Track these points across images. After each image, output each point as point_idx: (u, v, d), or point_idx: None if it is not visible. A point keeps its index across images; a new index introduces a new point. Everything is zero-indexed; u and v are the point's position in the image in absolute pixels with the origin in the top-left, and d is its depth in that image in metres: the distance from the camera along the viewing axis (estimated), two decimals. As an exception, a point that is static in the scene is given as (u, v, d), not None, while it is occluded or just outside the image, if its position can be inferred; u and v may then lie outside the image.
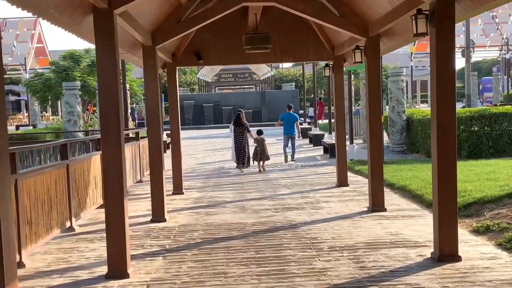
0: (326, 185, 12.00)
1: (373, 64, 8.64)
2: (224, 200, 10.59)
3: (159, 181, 8.67)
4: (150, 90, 8.60)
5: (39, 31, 43.39)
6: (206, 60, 11.41)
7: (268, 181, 13.13)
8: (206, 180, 13.92)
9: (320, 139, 21.94)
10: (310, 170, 15.26)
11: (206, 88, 63.74)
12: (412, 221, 7.99)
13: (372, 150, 8.73)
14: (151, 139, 8.66)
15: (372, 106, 8.66)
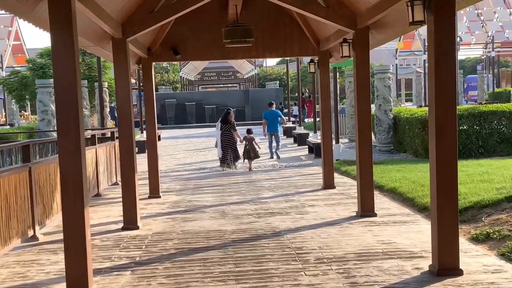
0: (311, 187, 11.39)
1: (362, 58, 8.03)
2: (203, 204, 9.93)
3: (131, 185, 7.99)
4: (121, 87, 7.91)
5: (16, 28, 42.25)
6: (184, 55, 10.73)
7: (251, 183, 12.49)
8: (185, 182, 13.24)
9: (305, 139, 21.34)
10: (294, 171, 14.65)
11: (189, 86, 62.92)
12: (405, 228, 7.39)
13: (361, 150, 8.13)
14: (122, 139, 7.97)
15: (360, 103, 8.06)
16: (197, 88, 71.13)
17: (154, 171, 10.81)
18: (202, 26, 10.60)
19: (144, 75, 10.71)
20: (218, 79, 76.94)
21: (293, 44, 10.81)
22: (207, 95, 41.08)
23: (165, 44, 10.67)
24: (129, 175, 7.96)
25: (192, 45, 10.71)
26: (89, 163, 10.77)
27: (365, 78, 8.02)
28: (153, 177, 10.80)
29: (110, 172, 12.47)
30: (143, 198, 10.76)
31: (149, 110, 10.76)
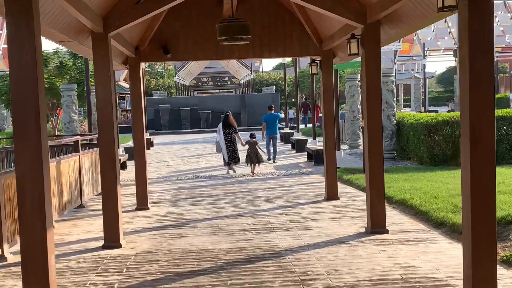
0: (313, 198, 10.51)
1: (372, 56, 7.19)
2: (195, 217, 9.04)
3: (113, 199, 7.09)
4: (102, 88, 7.03)
5: (6, 31, 41.21)
6: (175, 54, 9.86)
7: (247, 193, 11.61)
8: (177, 191, 12.35)
9: (304, 145, 20.48)
10: (293, 179, 13.78)
11: (184, 92, 62.05)
12: (423, 248, 6.52)
13: (372, 158, 7.26)
14: (103, 147, 7.08)
15: (371, 106, 7.20)
16: (192, 93, 70.26)
17: (142, 181, 9.93)
18: (194, 23, 9.76)
19: (132, 76, 9.85)
20: (214, 84, 76.10)
21: (293, 43, 9.97)
22: (202, 100, 40.21)
23: (154, 43, 9.80)
24: (111, 188, 7.07)
25: (183, 44, 9.85)
26: (71, 171, 9.90)
27: (375, 78, 7.17)
28: (141, 187, 9.92)
29: (96, 181, 11.57)
30: (130, 210, 9.88)
31: (137, 114, 9.88)
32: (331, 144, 10.12)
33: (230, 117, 15.58)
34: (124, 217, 9.23)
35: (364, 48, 7.15)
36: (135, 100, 9.85)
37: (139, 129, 9.86)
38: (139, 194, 9.92)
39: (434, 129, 15.12)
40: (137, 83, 9.78)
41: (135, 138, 9.87)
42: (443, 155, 15.22)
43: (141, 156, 9.88)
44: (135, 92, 9.81)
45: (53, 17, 5.85)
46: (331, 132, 10.12)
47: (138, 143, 9.90)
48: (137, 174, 9.89)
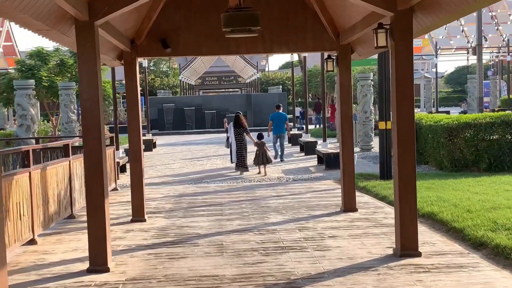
0: (327, 209, 9.48)
1: (403, 49, 6.15)
2: (196, 232, 8.01)
3: (99, 215, 6.08)
4: (87, 85, 6.02)
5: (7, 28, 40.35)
6: (175, 49, 8.85)
7: (255, 202, 10.59)
8: (178, 198, 11.35)
9: (313, 147, 19.43)
10: (304, 186, 12.74)
11: (189, 91, 61.13)
12: (466, 277, 5.47)
13: (402, 167, 6.20)
14: (88, 154, 6.07)
15: (402, 108, 6.16)
16: (198, 92, 69.33)
17: (138, 190, 8.92)
18: (197, 13, 8.75)
19: (127, 73, 8.83)
20: (219, 83, 75.22)
21: (307, 37, 8.93)
22: (207, 99, 39.21)
23: (152, 36, 8.79)
24: (97, 202, 6.06)
25: (185, 37, 8.84)
26: (60, 178, 8.90)
27: (407, 74, 6.13)
28: (137, 197, 8.91)
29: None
30: (124, 222, 8.89)
31: (132, 114, 8.87)
32: (349, 149, 9.07)
33: (241, 118, 15.33)
34: (117, 231, 8.25)
35: (393, 39, 6.11)
36: (131, 99, 8.83)
37: (135, 131, 8.85)
38: (135, 204, 8.92)
39: (455, 132, 14.07)
40: (133, 80, 8.77)
41: (130, 141, 8.86)
42: (465, 160, 14.17)
43: (137, 161, 8.87)
44: (131, 90, 8.80)
45: (28, 1, 4.85)
46: (349, 135, 9.07)
47: (134, 147, 8.88)
48: (133, 182, 8.89)
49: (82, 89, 6.02)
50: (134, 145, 8.86)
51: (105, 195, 6.11)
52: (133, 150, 8.88)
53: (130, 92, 8.80)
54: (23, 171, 7.34)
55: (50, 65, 27.91)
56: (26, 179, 7.38)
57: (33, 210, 7.51)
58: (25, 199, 7.30)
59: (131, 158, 8.90)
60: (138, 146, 8.87)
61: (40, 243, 7.58)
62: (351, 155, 9.09)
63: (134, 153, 8.87)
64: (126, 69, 8.80)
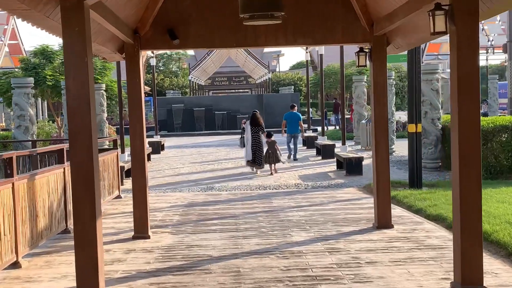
0: (358, 224, 8.30)
1: (466, 36, 4.95)
2: (208, 254, 6.85)
3: (88, 245, 4.93)
4: (75, 79, 4.88)
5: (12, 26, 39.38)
6: (184, 41, 7.70)
7: (273, 214, 9.42)
8: (187, 209, 10.21)
9: (331, 151, 18.24)
10: (325, 194, 11.56)
11: (199, 91, 60.09)
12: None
13: (465, 186, 4.98)
14: (75, 165, 4.93)
15: (463, 106, 4.96)
16: (207, 93, 68.34)
17: (142, 201, 7.77)
18: (209, 1, 7.60)
19: (129, 67, 7.68)
20: (229, 84, 74.19)
21: (335, 27, 7.76)
22: (217, 100, 38.03)
23: (157, 26, 7.65)
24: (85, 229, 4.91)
25: (196, 27, 7.69)
26: (53, 188, 7.79)
27: (472, 68, 4.94)
28: (140, 210, 7.76)
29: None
30: (125, 239, 7.75)
31: (135, 116, 7.72)
32: (383, 156, 7.87)
33: (257, 116, 15.32)
34: (116, 250, 7.11)
35: (454, 23, 4.92)
36: (134, 98, 7.69)
37: (137, 134, 7.70)
38: (138, 218, 7.77)
39: (490, 136, 12.85)
40: (135, 76, 7.63)
41: (132, 146, 7.70)
42: (500, 166, 12.95)
43: (139, 169, 7.71)
44: (134, 88, 7.66)
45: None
46: (383, 140, 7.86)
47: (136, 153, 7.73)
48: (135, 193, 7.74)
49: (68, 84, 4.89)
50: (137, 151, 7.71)
51: (97, 218, 4.96)
52: (135, 157, 7.73)
53: (133, 90, 7.65)
54: (3, 182, 6.22)
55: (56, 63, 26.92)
56: (8, 191, 6.28)
57: (17, 228, 6.39)
58: (7, 215, 6.19)
59: (133, 166, 7.75)
60: (141, 153, 7.72)
61: (25, 267, 6.46)
62: (386, 163, 7.89)
63: (137, 160, 7.72)
64: (128, 64, 7.66)
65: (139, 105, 7.68)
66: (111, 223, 9.05)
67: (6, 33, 38.29)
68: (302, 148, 22.16)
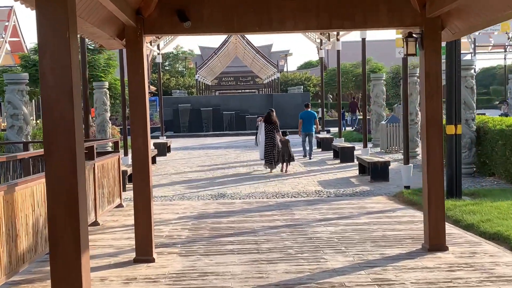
0: (402, 244, 6.95)
1: None
2: (226, 285, 5.53)
3: (72, 279, 3.61)
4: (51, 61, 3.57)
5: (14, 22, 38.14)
6: (197, 24, 6.38)
7: (297, 229, 8.10)
8: (197, 221, 8.90)
9: (351, 154, 16.92)
10: (352, 204, 10.22)
11: (205, 91, 58.85)
12: None
13: None
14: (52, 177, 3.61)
15: None
16: (214, 93, 67.09)
17: (145, 217, 6.45)
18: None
19: (131, 56, 6.37)
20: (236, 84, 72.97)
21: (379, 7, 6.43)
22: (225, 99, 36.71)
23: (164, 6, 6.34)
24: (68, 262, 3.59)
25: (210, 8, 6.37)
26: (38, 201, 6.48)
27: None
28: (142, 228, 6.44)
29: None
30: (125, 263, 6.44)
31: (137, 114, 6.40)
32: (437, 165, 6.51)
33: (272, 114, 15.26)
34: (113, 279, 5.80)
35: None
36: (136, 94, 6.37)
37: (140, 136, 6.38)
38: (140, 238, 6.45)
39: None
40: (138, 67, 6.32)
41: (134, 150, 6.37)
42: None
43: (143, 178, 6.39)
44: (136, 82, 6.34)
45: None
46: (437, 146, 6.51)
47: (138, 158, 6.41)
48: (137, 207, 6.42)
49: (43, 67, 3.57)
50: (140, 156, 6.39)
51: (82, 254, 3.64)
52: (138, 163, 6.40)
53: (135, 83, 6.34)
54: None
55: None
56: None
57: None
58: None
59: (135, 174, 6.42)
60: (144, 158, 6.40)
61: (-1, 302, 5.16)
62: (440, 173, 6.53)
63: (139, 166, 6.40)
64: (130, 52, 6.35)
65: (142, 101, 6.36)
66: (109, 239, 7.74)
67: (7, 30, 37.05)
68: (317, 150, 20.86)
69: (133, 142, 6.28)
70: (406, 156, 11.87)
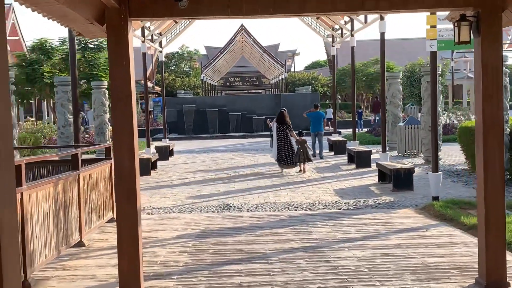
0: (448, 276, 5.65)
1: None
2: None
3: None
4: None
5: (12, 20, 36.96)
6: (196, 5, 5.10)
7: (317, 253, 6.81)
8: (199, 242, 7.63)
9: (367, 159, 15.61)
10: (377, 219, 8.92)
11: (211, 92, 57.61)
12: None
13: None
14: None
15: None
16: (220, 93, 65.88)
17: (131, 248, 5.16)
18: None
19: (112, 45, 5.09)
20: (242, 84, 71.80)
21: (423, -16, 5.13)
22: (231, 100, 35.38)
23: (156, -18, 5.06)
24: None
25: (212, -16, 5.09)
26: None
27: None
28: (127, 258, 5.15)
29: (65, 229, 6.89)
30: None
31: (121, 119, 5.12)
32: (497, 180, 5.19)
33: (284, 114, 15.14)
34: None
35: None
36: (119, 92, 5.09)
37: (125, 149, 5.09)
38: (125, 272, 5.16)
39: None
40: (121, 59, 5.04)
41: (117, 165, 5.07)
42: None
43: (128, 199, 5.09)
44: (119, 76, 5.06)
45: None
46: (497, 154, 5.20)
47: (123, 175, 5.11)
48: (121, 236, 5.13)
49: None
50: (124, 172, 5.10)
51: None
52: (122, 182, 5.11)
53: (118, 78, 5.06)
54: None
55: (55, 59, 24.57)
56: None
57: None
58: None
59: (118, 194, 5.13)
60: (131, 173, 5.10)
61: None
62: (500, 190, 5.22)
63: (124, 186, 5.11)
64: (111, 40, 5.07)
65: (128, 103, 5.08)
66: (93, 267, 6.48)
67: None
68: (329, 154, 19.57)
69: (116, 156, 5.00)
70: (435, 163, 10.55)
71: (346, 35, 18.29)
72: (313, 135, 18.09)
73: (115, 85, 5.02)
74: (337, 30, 20.71)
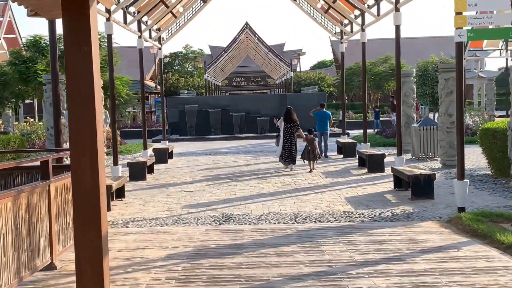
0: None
1: None
2: None
3: None
4: None
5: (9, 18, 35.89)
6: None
7: (331, 280, 5.65)
8: (190, 264, 6.47)
9: (380, 163, 14.41)
10: (397, 235, 7.75)
11: (215, 92, 56.54)
12: None
13: None
14: None
15: None
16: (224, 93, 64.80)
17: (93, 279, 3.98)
18: None
19: (67, 21, 3.91)
20: (247, 84, 70.77)
21: None
22: (235, 100, 34.18)
23: None
24: None
25: None
26: None
27: None
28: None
29: (30, 250, 5.75)
30: None
31: (80, 122, 3.93)
32: None
33: (292, 113, 15.11)
34: None
35: None
36: (77, 86, 3.90)
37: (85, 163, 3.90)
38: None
39: None
40: (80, 40, 3.86)
41: (75, 182, 3.88)
42: None
43: (89, 226, 3.91)
44: (77, 65, 3.88)
45: None
46: None
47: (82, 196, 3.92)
48: (81, 272, 3.93)
49: None
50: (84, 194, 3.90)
51: None
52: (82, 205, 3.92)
53: (75, 68, 3.88)
54: None
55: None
56: None
57: None
58: None
59: (77, 219, 3.94)
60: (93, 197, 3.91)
61: None
62: None
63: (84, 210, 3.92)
64: (66, 17, 3.89)
65: (89, 101, 3.89)
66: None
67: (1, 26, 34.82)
68: (338, 156, 18.42)
69: (74, 171, 3.82)
70: (461, 169, 9.33)
71: (357, 30, 17.11)
72: (318, 134, 17.87)
73: (71, 78, 3.85)
74: (346, 25, 19.55)
